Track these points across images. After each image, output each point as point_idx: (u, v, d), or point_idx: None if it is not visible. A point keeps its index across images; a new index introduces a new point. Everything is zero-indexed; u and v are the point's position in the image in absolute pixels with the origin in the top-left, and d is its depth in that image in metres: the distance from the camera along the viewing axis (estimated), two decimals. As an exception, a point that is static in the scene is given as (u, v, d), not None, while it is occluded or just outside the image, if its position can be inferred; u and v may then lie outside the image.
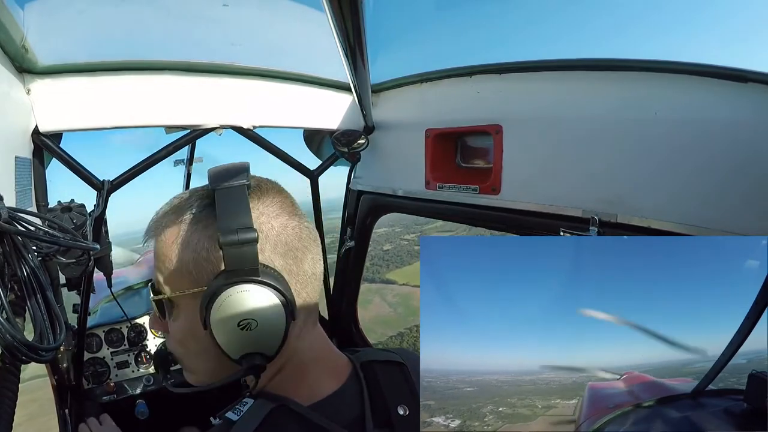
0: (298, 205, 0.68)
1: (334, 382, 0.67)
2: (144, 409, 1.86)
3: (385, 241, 48.75)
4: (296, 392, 0.64)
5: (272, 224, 0.62)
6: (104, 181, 1.28)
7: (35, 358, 0.65)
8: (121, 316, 1.95)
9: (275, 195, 0.65)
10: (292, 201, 0.67)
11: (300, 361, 0.66)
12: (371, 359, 0.72)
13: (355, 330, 2.06)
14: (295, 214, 0.65)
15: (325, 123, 1.58)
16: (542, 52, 1.10)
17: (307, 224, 0.66)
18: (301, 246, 0.63)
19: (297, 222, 0.64)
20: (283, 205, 0.64)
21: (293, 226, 0.63)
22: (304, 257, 0.64)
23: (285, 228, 0.62)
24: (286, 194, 0.67)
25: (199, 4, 1.15)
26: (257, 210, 0.61)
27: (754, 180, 0.78)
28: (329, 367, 0.69)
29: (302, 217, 0.66)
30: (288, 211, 0.64)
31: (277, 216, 0.63)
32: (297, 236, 0.63)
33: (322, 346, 0.70)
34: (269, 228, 0.61)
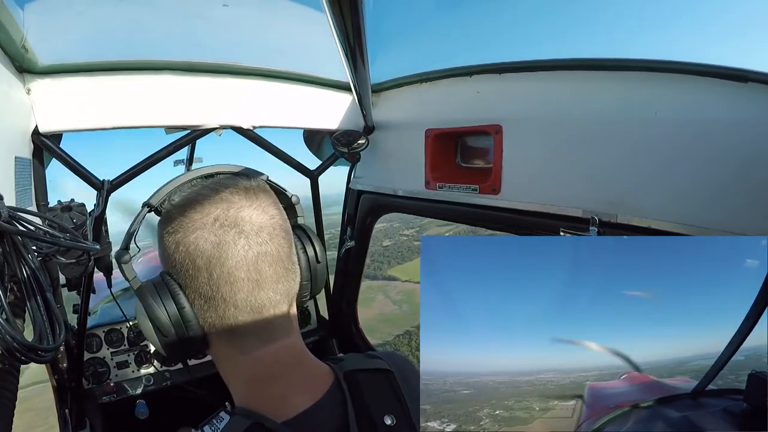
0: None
1: (308, 396, 0.64)
2: (144, 409, 1.86)
3: (384, 237, 48.56)
4: (268, 408, 0.61)
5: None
6: (104, 181, 1.28)
7: (35, 359, 0.65)
8: (121, 317, 1.95)
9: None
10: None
11: (263, 376, 0.64)
12: (354, 368, 0.69)
13: (355, 330, 2.06)
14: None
15: (325, 123, 1.58)
16: (542, 52, 1.10)
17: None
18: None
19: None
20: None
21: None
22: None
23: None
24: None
25: (199, 4, 1.15)
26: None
27: (754, 180, 0.78)
28: (302, 380, 0.65)
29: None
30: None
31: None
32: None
33: (289, 360, 0.66)
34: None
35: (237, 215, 0.60)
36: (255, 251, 0.60)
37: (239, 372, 0.65)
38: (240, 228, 0.59)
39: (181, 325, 0.61)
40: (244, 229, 0.60)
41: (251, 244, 0.60)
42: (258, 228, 0.61)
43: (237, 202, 0.61)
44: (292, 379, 0.65)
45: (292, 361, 0.66)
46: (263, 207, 0.63)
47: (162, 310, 0.61)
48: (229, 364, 0.66)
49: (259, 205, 0.62)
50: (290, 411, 0.62)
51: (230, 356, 0.65)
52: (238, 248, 0.59)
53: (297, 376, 0.65)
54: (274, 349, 0.64)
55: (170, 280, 0.62)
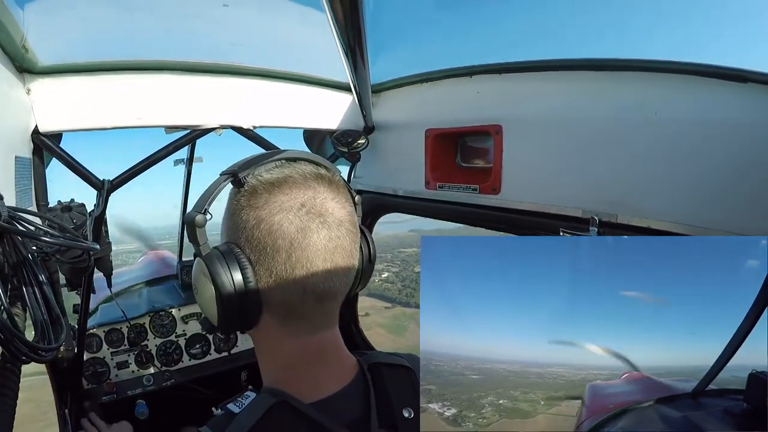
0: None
1: (337, 382, 0.67)
2: (144, 409, 1.86)
3: (416, 262, 48.36)
4: (298, 390, 0.64)
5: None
6: (104, 181, 1.28)
7: (35, 358, 0.65)
8: (121, 316, 1.95)
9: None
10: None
11: (305, 361, 0.67)
12: (379, 361, 0.73)
13: (355, 330, 2.07)
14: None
15: (325, 123, 1.58)
16: (542, 52, 1.10)
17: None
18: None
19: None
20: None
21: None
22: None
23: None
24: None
25: (199, 4, 1.15)
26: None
27: (754, 180, 0.78)
28: (336, 368, 0.69)
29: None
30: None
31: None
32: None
33: (330, 350, 0.69)
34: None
35: (323, 205, 0.63)
36: (334, 243, 0.63)
37: (282, 355, 0.67)
38: (324, 218, 0.62)
39: (244, 297, 0.63)
40: (327, 220, 0.63)
41: (332, 236, 0.63)
42: (339, 221, 0.64)
43: (323, 193, 0.64)
44: (328, 366, 0.68)
45: (332, 351, 0.69)
46: (343, 202, 0.66)
47: (228, 278, 0.62)
48: (273, 345, 0.68)
49: (340, 199, 0.65)
50: (317, 395, 0.64)
51: (278, 337, 0.67)
52: (321, 237, 0.62)
53: (332, 364, 0.69)
54: (321, 338, 0.67)
55: (239, 252, 0.63)
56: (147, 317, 2.05)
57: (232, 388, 1.79)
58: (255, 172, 0.65)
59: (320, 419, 0.61)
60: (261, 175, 0.64)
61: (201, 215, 0.64)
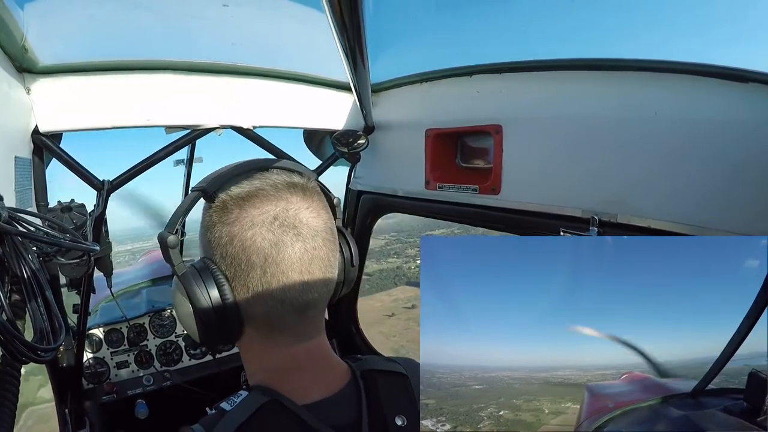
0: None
1: (326, 389, 0.67)
2: (144, 409, 1.86)
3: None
4: (290, 392, 0.64)
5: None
6: (104, 181, 1.28)
7: (35, 359, 0.65)
8: (121, 316, 1.96)
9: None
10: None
11: (291, 369, 0.66)
12: (372, 368, 0.72)
13: (355, 330, 2.07)
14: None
15: (325, 123, 1.58)
16: (542, 52, 1.10)
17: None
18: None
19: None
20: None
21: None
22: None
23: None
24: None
25: (199, 4, 1.15)
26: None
27: (754, 180, 0.78)
28: (324, 375, 0.68)
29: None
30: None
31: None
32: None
33: (317, 357, 0.69)
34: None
35: (296, 216, 0.62)
36: (310, 255, 0.62)
37: (267, 363, 0.67)
38: (298, 230, 0.61)
39: (222, 313, 0.62)
40: (302, 232, 0.62)
41: (307, 248, 0.62)
42: (314, 232, 0.63)
43: (296, 203, 0.62)
44: (316, 373, 0.68)
45: (319, 358, 0.69)
46: (318, 210, 0.65)
47: (206, 298, 0.62)
48: (258, 355, 0.68)
49: (315, 207, 0.64)
50: (306, 399, 0.64)
51: (262, 349, 0.67)
52: (296, 250, 0.61)
53: (320, 370, 0.68)
54: (307, 347, 0.67)
55: (215, 268, 0.63)
56: (147, 317, 2.05)
57: (231, 388, 1.79)
58: (225, 185, 0.64)
59: (310, 421, 0.61)
60: (231, 189, 0.63)
61: (173, 236, 0.63)
